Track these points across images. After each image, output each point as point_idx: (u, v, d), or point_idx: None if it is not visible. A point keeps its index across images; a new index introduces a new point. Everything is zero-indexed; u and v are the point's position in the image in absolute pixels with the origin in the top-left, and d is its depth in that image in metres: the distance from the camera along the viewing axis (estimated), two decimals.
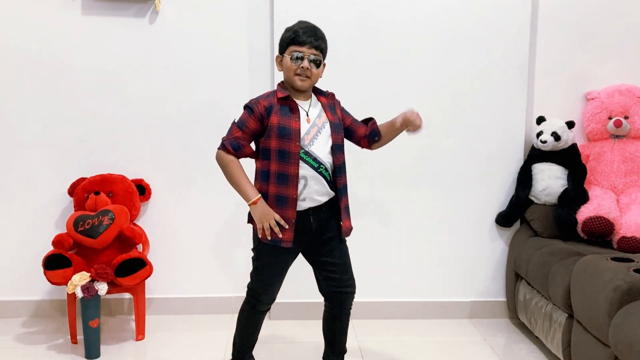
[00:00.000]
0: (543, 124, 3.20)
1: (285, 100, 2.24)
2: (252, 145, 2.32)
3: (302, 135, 2.22)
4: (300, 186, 2.22)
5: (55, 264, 2.79)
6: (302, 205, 2.25)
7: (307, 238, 2.31)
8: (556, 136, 3.12)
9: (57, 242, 2.88)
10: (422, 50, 3.23)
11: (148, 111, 3.23)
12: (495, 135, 3.28)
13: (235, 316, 3.30)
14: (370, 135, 2.41)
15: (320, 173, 2.25)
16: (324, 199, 2.29)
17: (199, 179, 3.28)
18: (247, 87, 3.23)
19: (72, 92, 3.20)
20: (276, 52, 3.11)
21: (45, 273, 2.81)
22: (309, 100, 2.31)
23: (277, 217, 2.20)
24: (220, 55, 3.23)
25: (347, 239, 2.43)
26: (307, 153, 2.22)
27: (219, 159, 2.27)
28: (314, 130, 2.25)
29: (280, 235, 2.22)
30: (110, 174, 3.15)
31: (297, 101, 2.27)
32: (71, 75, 3.19)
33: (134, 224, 3.15)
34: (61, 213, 3.25)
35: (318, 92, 2.36)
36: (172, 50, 3.22)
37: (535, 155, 3.24)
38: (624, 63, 3.29)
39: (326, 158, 2.27)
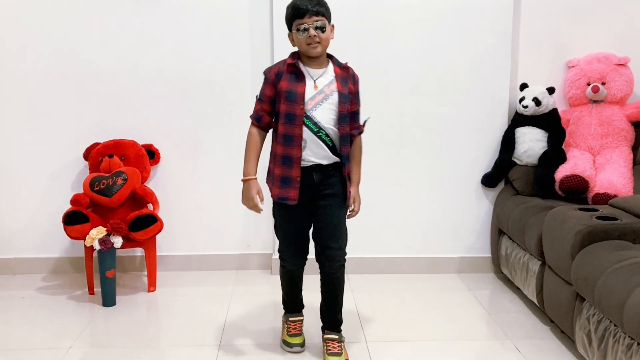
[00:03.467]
0: (525, 90, 3.41)
1: (293, 66, 2.36)
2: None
3: (306, 99, 2.34)
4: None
5: (74, 219, 3.04)
6: (305, 164, 2.39)
7: (312, 192, 2.42)
8: (537, 101, 3.33)
9: (75, 200, 3.13)
10: (410, 20, 3.41)
11: (156, 80, 3.45)
12: (481, 101, 3.48)
13: (240, 272, 3.60)
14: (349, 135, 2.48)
15: (320, 137, 2.37)
16: (324, 161, 2.40)
17: (204, 143, 3.51)
18: (248, 57, 3.44)
19: (85, 63, 3.42)
20: (275, 21, 3.34)
21: (65, 228, 3.06)
22: (324, 68, 2.40)
23: (256, 207, 2.43)
24: (223, 26, 3.43)
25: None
26: (308, 117, 2.34)
27: (247, 135, 2.47)
28: (320, 97, 2.36)
29: (286, 195, 2.40)
30: (122, 139, 3.38)
31: (309, 68, 2.38)
32: (84, 47, 3.41)
33: (145, 186, 3.39)
34: (77, 176, 3.49)
35: (335, 63, 2.44)
36: (178, 22, 3.42)
37: (518, 120, 3.45)
38: (603, 32, 3.48)
39: (328, 125, 2.37)
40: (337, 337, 2.55)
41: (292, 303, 2.68)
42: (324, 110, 2.36)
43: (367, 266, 3.56)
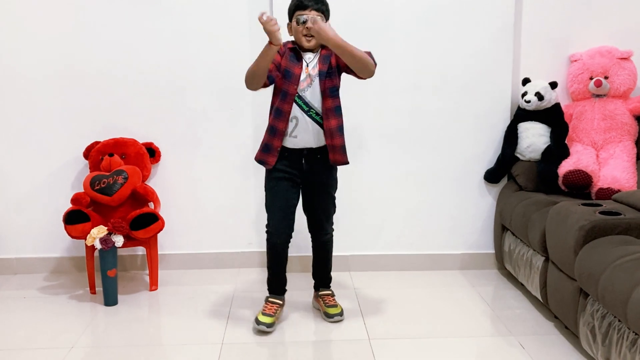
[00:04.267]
0: (528, 84, 3.38)
1: (293, 49, 2.63)
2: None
3: (300, 80, 2.60)
4: (291, 125, 2.63)
5: (75, 219, 3.04)
6: (296, 142, 2.66)
7: (302, 177, 2.70)
8: (539, 96, 3.31)
9: (76, 199, 3.12)
10: (410, 14, 3.39)
11: (156, 78, 3.43)
12: (483, 96, 3.46)
13: (242, 270, 3.59)
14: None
15: (310, 116, 2.63)
16: (315, 142, 2.66)
17: (205, 141, 3.49)
18: (247, 54, 3.41)
19: (84, 62, 3.40)
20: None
21: (65, 228, 3.05)
22: (315, 53, 2.65)
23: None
24: (222, 23, 3.41)
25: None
26: (300, 97, 2.61)
27: (246, 76, 2.58)
28: (309, 80, 2.62)
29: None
30: (122, 138, 3.37)
31: (304, 53, 2.64)
32: (83, 45, 3.39)
33: (146, 185, 3.38)
34: (77, 175, 3.48)
35: (322, 46, 2.64)
36: (178, 20, 3.40)
37: (520, 115, 3.42)
38: (606, 26, 3.45)
39: (317, 104, 2.63)
40: (330, 292, 2.95)
41: (275, 282, 2.84)
42: (313, 90, 2.62)
43: (369, 263, 3.55)
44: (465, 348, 2.59)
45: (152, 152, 3.42)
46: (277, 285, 2.85)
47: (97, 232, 2.96)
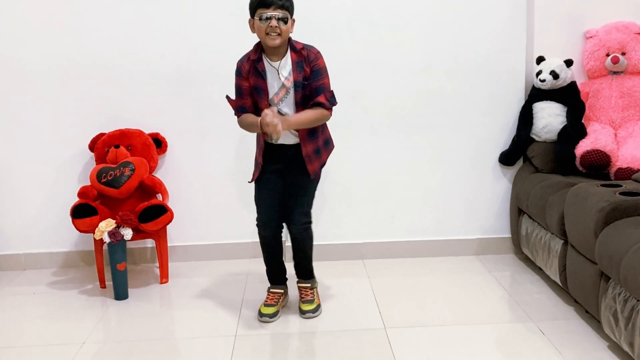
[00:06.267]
0: (542, 63, 3.29)
1: (257, 61, 2.51)
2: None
3: (271, 95, 2.53)
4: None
5: (83, 212, 2.99)
6: (279, 142, 2.62)
7: (287, 165, 2.65)
8: (554, 74, 3.22)
9: (83, 193, 3.07)
10: None
11: (162, 68, 3.37)
12: (496, 76, 3.38)
13: (252, 260, 3.54)
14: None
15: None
16: (291, 141, 2.61)
17: (212, 131, 3.43)
18: (253, 42, 3.33)
19: (88, 51, 3.34)
20: None
21: (73, 222, 3.01)
22: (283, 58, 2.52)
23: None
24: (227, 13, 3.33)
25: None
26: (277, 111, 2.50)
27: (239, 125, 2.63)
28: (283, 92, 2.53)
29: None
30: (128, 129, 3.32)
31: (270, 62, 2.51)
32: (88, 35, 3.33)
33: (153, 176, 3.33)
34: (83, 168, 3.43)
35: (292, 48, 2.53)
36: (183, 10, 3.33)
37: (535, 95, 3.33)
38: (622, 0, 3.34)
39: (294, 113, 2.55)
40: (309, 284, 2.83)
41: (273, 274, 2.84)
42: (289, 103, 2.54)
43: (383, 250, 3.49)
44: (483, 335, 2.53)
45: (159, 143, 3.37)
46: (275, 275, 2.84)
47: (106, 226, 2.92)
